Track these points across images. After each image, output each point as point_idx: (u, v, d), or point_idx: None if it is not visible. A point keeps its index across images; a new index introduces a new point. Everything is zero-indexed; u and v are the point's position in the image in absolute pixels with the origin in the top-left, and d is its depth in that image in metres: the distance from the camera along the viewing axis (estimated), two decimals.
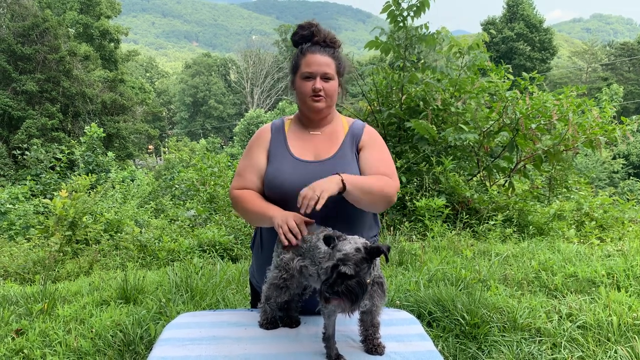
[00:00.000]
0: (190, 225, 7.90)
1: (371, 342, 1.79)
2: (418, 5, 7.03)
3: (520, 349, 2.92)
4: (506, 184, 7.62)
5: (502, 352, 2.91)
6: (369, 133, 2.19)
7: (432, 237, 5.81)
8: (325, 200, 1.72)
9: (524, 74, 7.85)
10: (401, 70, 7.45)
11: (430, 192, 6.90)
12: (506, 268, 4.59)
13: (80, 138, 21.06)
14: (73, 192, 7.86)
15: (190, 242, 6.42)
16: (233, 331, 1.95)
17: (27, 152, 17.15)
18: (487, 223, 6.40)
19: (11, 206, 10.81)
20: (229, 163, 11.02)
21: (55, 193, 9.24)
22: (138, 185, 15.69)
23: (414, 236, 6.18)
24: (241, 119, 47.38)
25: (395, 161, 7.00)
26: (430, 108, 7.23)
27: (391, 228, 6.42)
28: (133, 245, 6.58)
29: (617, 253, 4.85)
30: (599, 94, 41.59)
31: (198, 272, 4.59)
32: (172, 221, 8.45)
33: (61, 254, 6.65)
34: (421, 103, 7.40)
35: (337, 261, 1.52)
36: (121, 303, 4.11)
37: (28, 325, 3.62)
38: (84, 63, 29.99)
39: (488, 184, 7.72)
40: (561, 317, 3.32)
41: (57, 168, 14.85)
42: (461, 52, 7.54)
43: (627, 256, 4.58)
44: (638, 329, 3.05)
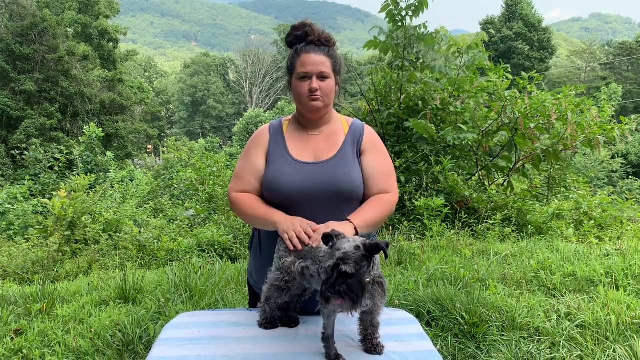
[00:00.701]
0: (189, 225, 7.89)
1: (370, 342, 1.79)
2: (416, 4, 7.03)
3: (519, 348, 2.93)
4: (505, 184, 7.63)
5: (501, 352, 2.92)
6: (370, 135, 2.19)
7: (431, 237, 5.82)
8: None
9: (523, 74, 7.85)
10: (400, 69, 7.45)
11: (429, 192, 6.90)
12: (505, 267, 4.60)
13: (79, 138, 21.05)
14: (72, 192, 7.85)
15: (189, 242, 6.41)
16: (232, 331, 1.95)
17: (26, 152, 17.11)
18: (486, 222, 6.40)
19: (10, 206, 10.80)
20: (228, 163, 11.02)
21: (54, 193, 9.22)
22: (137, 185, 15.67)
23: (413, 236, 6.18)
24: (240, 119, 47.33)
25: (394, 161, 7.01)
26: (429, 108, 7.23)
27: (390, 228, 6.42)
28: (132, 245, 6.58)
29: (616, 252, 4.86)
30: (598, 94, 41.62)
31: (197, 272, 4.59)
32: (171, 221, 8.44)
33: (60, 254, 6.65)
34: (420, 102, 7.41)
35: (337, 260, 1.52)
36: (120, 303, 4.11)
37: (27, 325, 3.61)
38: (83, 63, 29.94)
39: (487, 184, 7.72)
40: (560, 317, 3.33)
41: (56, 168, 14.83)
42: (460, 52, 7.55)
43: (626, 255, 4.58)
44: (637, 328, 3.05)
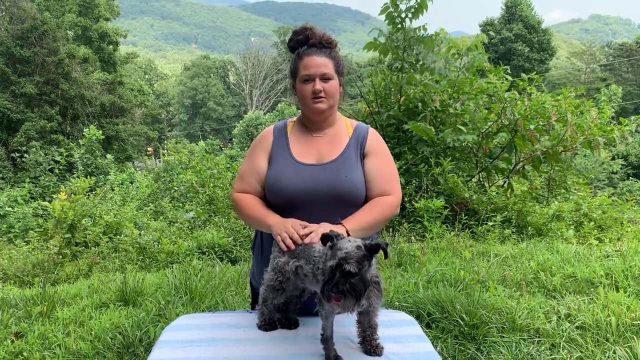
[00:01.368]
0: (189, 227, 7.89)
1: (369, 343, 1.79)
2: (416, 6, 7.04)
3: (519, 350, 2.93)
4: (505, 185, 7.63)
5: (501, 353, 2.92)
6: (374, 138, 2.19)
7: (431, 238, 5.82)
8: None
9: (523, 75, 7.86)
10: (400, 71, 7.46)
11: (429, 193, 6.90)
12: (505, 269, 4.59)
13: (79, 140, 21.10)
14: (72, 195, 7.87)
15: (189, 244, 6.41)
16: (232, 333, 1.95)
17: (26, 155, 17.14)
18: (486, 224, 6.40)
19: (10, 209, 10.82)
20: (228, 165, 11.04)
21: (54, 196, 9.24)
22: (137, 187, 15.69)
23: (413, 237, 6.18)
24: (240, 121, 47.30)
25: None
26: (428, 109, 7.24)
27: (390, 229, 6.42)
28: (132, 247, 6.58)
29: (616, 253, 4.86)
30: (598, 95, 41.62)
31: (197, 274, 4.59)
32: (171, 223, 8.44)
33: (60, 257, 6.65)
34: (420, 104, 7.41)
35: (340, 260, 1.52)
36: (120, 305, 4.11)
37: (27, 328, 3.62)
38: (83, 65, 29.99)
39: (487, 185, 7.72)
40: (560, 318, 3.32)
41: (56, 171, 14.86)
42: (460, 54, 7.55)
43: (626, 256, 4.58)
44: (636, 329, 3.05)
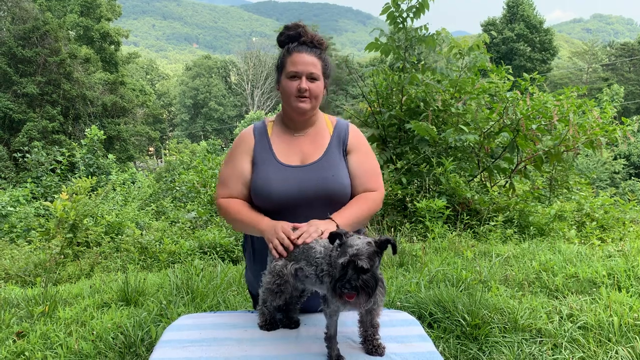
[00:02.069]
0: (191, 227, 7.90)
1: (371, 343, 1.79)
2: (417, 6, 7.03)
3: (521, 350, 2.92)
4: (507, 185, 7.62)
5: (503, 353, 2.91)
6: (355, 135, 2.18)
7: (433, 238, 5.81)
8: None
9: (525, 75, 7.84)
10: (401, 71, 7.45)
11: (430, 193, 6.90)
12: (507, 269, 4.59)
13: (80, 140, 21.14)
14: (74, 195, 7.88)
15: (191, 244, 6.42)
16: (233, 333, 1.95)
17: (28, 155, 17.18)
18: (488, 224, 6.39)
19: (12, 209, 10.84)
20: None
21: (56, 195, 9.26)
22: (139, 187, 15.72)
23: (415, 237, 6.18)
24: (242, 121, 47.40)
25: (395, 162, 7.01)
26: (430, 109, 7.23)
27: (392, 229, 6.42)
28: (134, 247, 6.59)
29: (618, 253, 4.84)
30: (600, 95, 41.57)
31: (199, 274, 4.59)
32: (173, 223, 8.45)
33: (62, 257, 6.66)
34: (421, 104, 7.40)
35: (351, 257, 1.52)
36: (122, 305, 4.11)
37: (29, 327, 3.62)
38: (85, 65, 30.05)
39: (489, 185, 7.71)
40: (562, 318, 3.32)
41: (58, 170, 14.89)
42: (461, 53, 7.54)
43: (628, 256, 4.57)
44: (639, 330, 3.04)
